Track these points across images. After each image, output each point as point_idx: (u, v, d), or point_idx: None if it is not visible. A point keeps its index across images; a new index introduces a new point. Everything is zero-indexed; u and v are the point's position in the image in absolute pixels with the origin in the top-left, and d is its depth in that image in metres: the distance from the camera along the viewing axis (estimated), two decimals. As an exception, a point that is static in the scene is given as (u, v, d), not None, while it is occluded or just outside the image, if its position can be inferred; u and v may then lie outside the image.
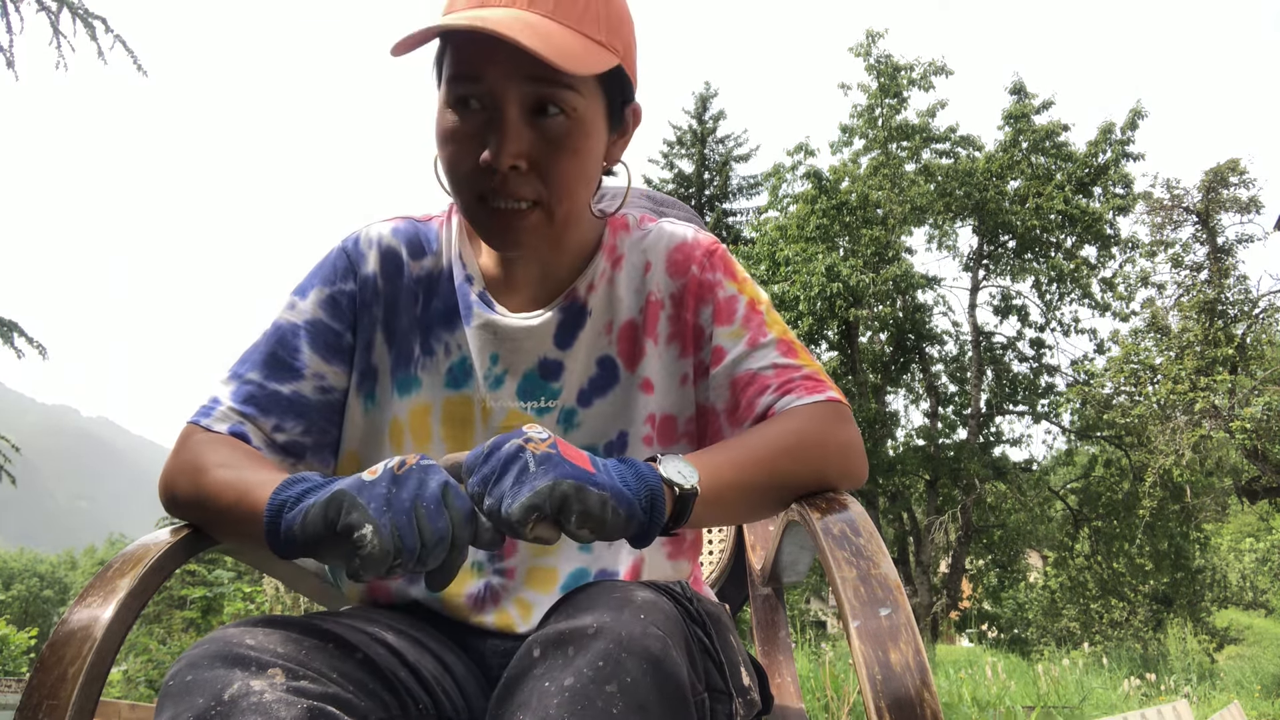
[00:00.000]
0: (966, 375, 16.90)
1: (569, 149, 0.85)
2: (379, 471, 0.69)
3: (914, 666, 0.63)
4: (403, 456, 0.71)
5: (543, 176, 0.85)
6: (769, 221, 16.67)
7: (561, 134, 0.85)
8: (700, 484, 0.78)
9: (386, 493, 0.67)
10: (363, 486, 0.68)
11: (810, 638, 9.92)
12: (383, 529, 0.65)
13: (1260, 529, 27.95)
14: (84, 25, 6.77)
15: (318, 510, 0.68)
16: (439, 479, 0.69)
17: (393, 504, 0.66)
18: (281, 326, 0.96)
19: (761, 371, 0.93)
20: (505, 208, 0.86)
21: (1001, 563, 16.78)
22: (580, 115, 0.86)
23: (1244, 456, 12.56)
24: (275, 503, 0.72)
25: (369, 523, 0.65)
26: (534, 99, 0.84)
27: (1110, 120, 15.69)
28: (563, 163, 0.85)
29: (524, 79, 0.83)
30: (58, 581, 51.24)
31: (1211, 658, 16.29)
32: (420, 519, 0.66)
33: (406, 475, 0.69)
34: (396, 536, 0.65)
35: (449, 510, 0.68)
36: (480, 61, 0.83)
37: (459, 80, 0.84)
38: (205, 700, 0.63)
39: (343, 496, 0.68)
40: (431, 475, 0.69)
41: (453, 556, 0.68)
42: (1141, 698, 7.68)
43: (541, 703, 0.62)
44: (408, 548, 0.65)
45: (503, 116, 0.83)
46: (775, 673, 1.30)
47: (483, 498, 0.69)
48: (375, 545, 0.65)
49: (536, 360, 0.96)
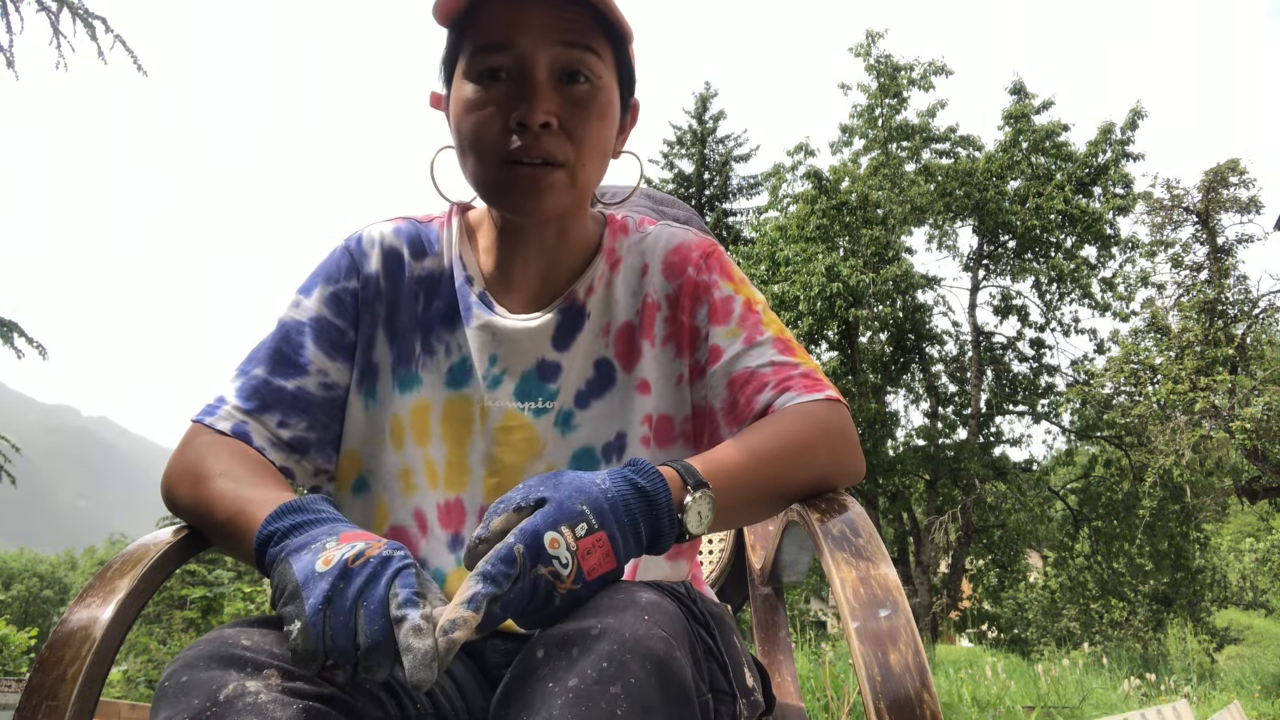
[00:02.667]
0: (966, 375, 16.89)
1: (595, 112, 0.89)
2: (333, 562, 0.65)
3: (913, 667, 0.63)
4: (367, 544, 0.67)
5: (571, 137, 0.88)
6: (769, 221, 16.68)
7: (588, 98, 0.88)
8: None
9: (329, 589, 0.64)
10: (309, 577, 0.65)
11: (810, 638, 9.92)
12: (312, 628, 0.63)
13: (1260, 529, 27.97)
14: (84, 25, 6.78)
15: (275, 579, 0.68)
16: (387, 579, 0.64)
17: (333, 603, 0.63)
18: (286, 324, 0.97)
19: (759, 369, 0.93)
20: (533, 167, 0.87)
21: (1001, 563, 16.76)
22: (604, 84, 0.90)
23: (1244, 456, 12.56)
24: (264, 534, 0.73)
25: (299, 619, 0.63)
26: (564, 62, 0.87)
27: (1110, 120, 15.69)
28: (590, 124, 0.89)
29: (555, 43, 0.86)
30: (58, 581, 51.24)
31: (1211, 658, 16.29)
32: (358, 622, 0.63)
33: (358, 570, 0.64)
34: (328, 638, 0.62)
35: (392, 615, 0.63)
36: (511, 28, 0.86)
37: (487, 51, 0.87)
38: (201, 701, 0.63)
39: (287, 580, 0.66)
40: (385, 572, 0.64)
41: (405, 662, 0.62)
42: (1141, 698, 7.68)
43: (545, 704, 0.62)
44: (340, 652, 0.63)
45: (533, 78, 0.86)
46: (775, 673, 1.30)
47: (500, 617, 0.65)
48: (299, 644, 0.63)
49: (534, 361, 0.96)
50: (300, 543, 0.70)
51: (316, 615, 0.63)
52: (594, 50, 0.88)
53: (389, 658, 0.63)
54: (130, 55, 6.89)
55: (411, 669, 0.60)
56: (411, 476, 0.94)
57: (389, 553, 0.66)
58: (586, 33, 0.88)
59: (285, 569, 0.68)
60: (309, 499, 0.77)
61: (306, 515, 0.73)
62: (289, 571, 0.67)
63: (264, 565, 0.72)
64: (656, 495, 0.74)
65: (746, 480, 0.82)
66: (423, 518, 0.93)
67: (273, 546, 0.71)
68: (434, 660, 0.61)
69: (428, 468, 0.94)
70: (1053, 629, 18.45)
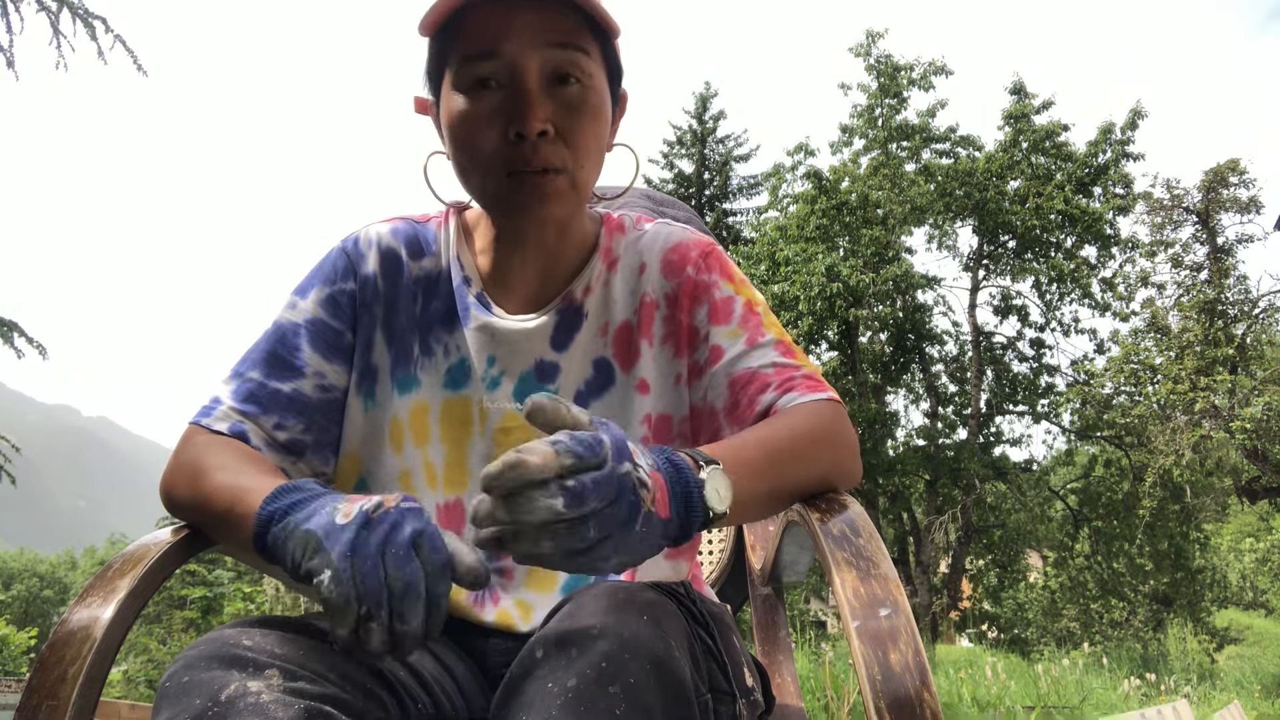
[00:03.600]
0: (966, 375, 16.89)
1: (589, 114, 0.89)
2: (352, 514, 0.65)
3: (914, 667, 0.63)
4: (381, 497, 0.67)
5: (568, 142, 0.87)
6: (769, 221, 16.67)
7: (581, 100, 0.88)
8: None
9: (354, 537, 0.63)
10: (330, 530, 0.65)
11: (810, 638, 9.91)
12: (342, 574, 0.62)
13: (1260, 529, 27.96)
14: (84, 25, 6.78)
15: (292, 546, 0.67)
16: (414, 526, 0.65)
17: (357, 549, 0.63)
18: (282, 325, 0.97)
19: (762, 369, 0.93)
20: (535, 176, 0.87)
21: (1001, 563, 16.76)
22: (594, 83, 0.89)
23: (1244, 456, 12.56)
24: (264, 514, 0.71)
25: (328, 568, 0.63)
26: (554, 65, 0.86)
27: (1110, 120, 15.68)
28: (585, 127, 0.88)
29: (543, 46, 0.85)
30: (58, 581, 51.22)
31: (1211, 658, 16.30)
32: (387, 566, 0.62)
33: (380, 519, 0.65)
34: (359, 582, 0.62)
35: (421, 559, 0.64)
36: (497, 35, 0.85)
37: (475, 60, 0.86)
38: (202, 701, 0.63)
39: (308, 538, 0.66)
40: (407, 521, 0.65)
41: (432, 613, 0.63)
42: (1141, 698, 7.68)
43: (544, 703, 0.62)
44: (370, 594, 0.61)
45: (525, 86, 0.86)
46: (775, 673, 1.30)
47: (590, 521, 0.60)
48: (334, 592, 0.62)
49: (533, 362, 0.96)
50: (307, 513, 0.68)
51: (344, 560, 0.62)
52: (582, 49, 0.87)
53: (420, 599, 0.62)
54: (130, 55, 6.89)
55: (472, 584, 0.65)
56: (411, 478, 0.94)
57: (408, 505, 0.66)
58: (573, 33, 0.87)
59: (300, 533, 0.66)
60: (303, 481, 0.75)
61: (304, 493, 0.72)
62: (307, 532, 0.66)
63: (266, 548, 0.71)
64: (683, 464, 0.70)
65: (760, 470, 0.79)
66: (422, 519, 0.93)
67: (275, 525, 0.70)
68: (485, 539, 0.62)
69: (427, 469, 0.94)
70: (1053, 629, 18.45)
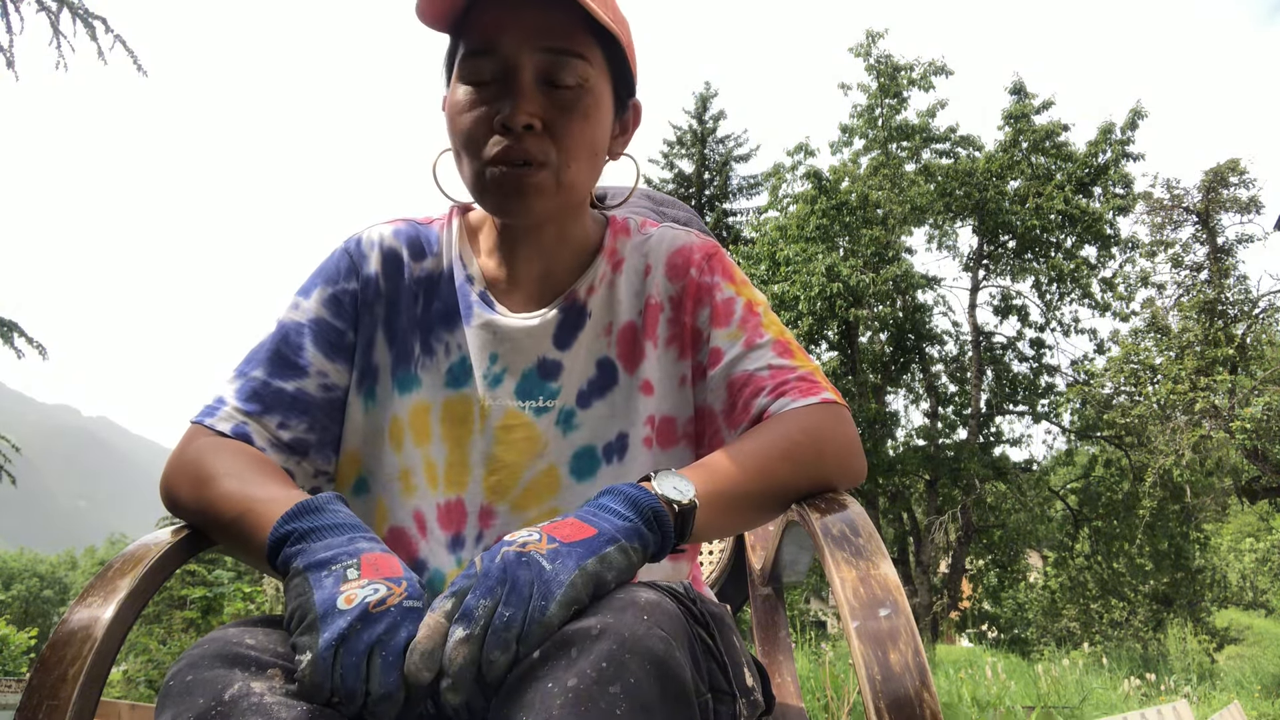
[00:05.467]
0: (966, 375, 16.88)
1: (580, 114, 0.89)
2: (355, 601, 0.65)
3: (913, 667, 0.63)
4: (391, 588, 0.67)
5: (554, 138, 0.88)
6: (769, 221, 16.65)
7: (573, 101, 0.89)
8: (699, 498, 0.79)
9: (346, 629, 0.63)
10: (329, 610, 0.64)
11: (810, 638, 9.91)
12: (321, 665, 0.62)
13: (1260, 529, 27.96)
14: (84, 25, 6.79)
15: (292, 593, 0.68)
16: (410, 632, 0.65)
17: (346, 642, 0.63)
18: (285, 325, 0.97)
19: (757, 373, 0.94)
20: (515, 168, 0.87)
21: (1001, 563, 16.75)
22: (591, 87, 0.89)
23: (1244, 456, 12.55)
24: (279, 533, 0.73)
25: (311, 651, 0.63)
26: (548, 66, 0.87)
27: (1110, 120, 15.65)
28: (573, 125, 0.89)
29: (539, 48, 0.87)
30: (58, 581, 51.23)
31: (1211, 658, 16.28)
32: (371, 670, 0.63)
33: (379, 616, 0.64)
34: (337, 679, 0.62)
35: (405, 671, 0.63)
36: (496, 32, 0.87)
37: (475, 55, 0.88)
38: (205, 700, 0.63)
39: (307, 608, 0.66)
40: (405, 625, 0.65)
41: (406, 712, 0.64)
42: (1141, 698, 7.68)
43: (545, 703, 0.62)
44: (345, 693, 0.62)
45: (518, 81, 0.87)
46: (775, 673, 1.30)
47: (493, 611, 0.63)
48: (308, 678, 0.63)
49: (535, 360, 0.96)
50: (320, 556, 0.69)
51: (328, 651, 0.63)
52: (581, 54, 0.88)
53: (396, 707, 0.63)
54: (130, 55, 6.89)
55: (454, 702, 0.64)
56: (411, 478, 0.94)
57: (412, 604, 0.67)
58: (573, 36, 0.88)
59: (305, 592, 0.67)
60: (324, 498, 0.77)
61: (324, 519, 0.73)
62: (309, 598, 0.66)
63: (276, 564, 0.72)
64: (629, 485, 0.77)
65: (744, 487, 0.83)
66: (422, 519, 0.93)
67: (289, 546, 0.71)
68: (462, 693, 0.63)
69: (427, 468, 0.94)
70: (1053, 629, 18.43)
